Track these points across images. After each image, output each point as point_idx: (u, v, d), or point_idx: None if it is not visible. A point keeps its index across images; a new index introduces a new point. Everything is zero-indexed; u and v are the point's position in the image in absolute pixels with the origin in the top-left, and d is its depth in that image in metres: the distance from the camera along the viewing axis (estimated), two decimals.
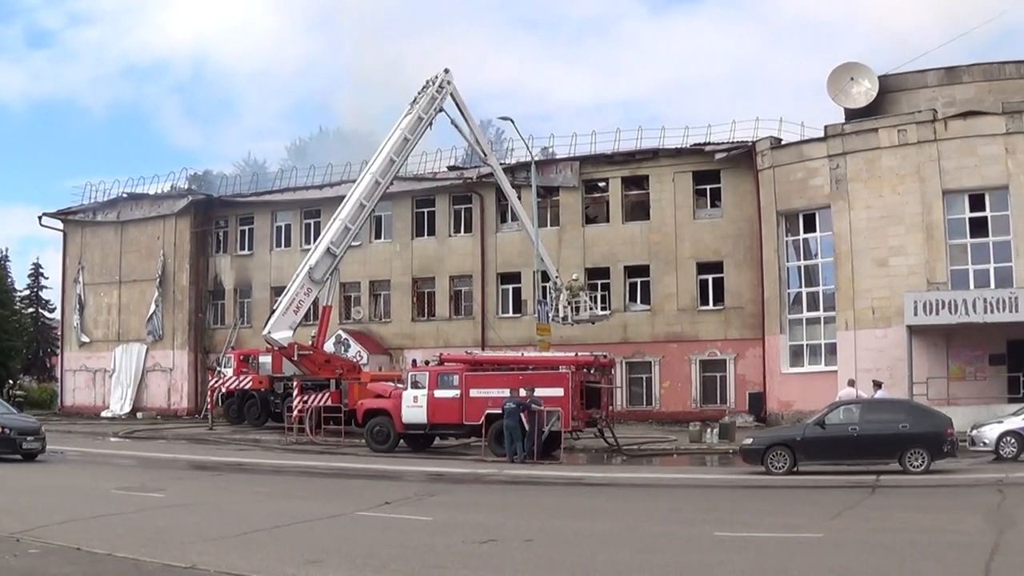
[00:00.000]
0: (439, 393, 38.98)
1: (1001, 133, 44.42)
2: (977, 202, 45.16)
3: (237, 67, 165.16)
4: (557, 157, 59.47)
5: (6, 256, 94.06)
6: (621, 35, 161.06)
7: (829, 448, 29.00)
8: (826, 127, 49.05)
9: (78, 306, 72.15)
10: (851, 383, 37.61)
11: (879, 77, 50.12)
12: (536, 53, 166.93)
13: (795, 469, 28.68)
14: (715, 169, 54.77)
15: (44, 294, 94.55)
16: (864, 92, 49.97)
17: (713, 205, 55.72)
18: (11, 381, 78.46)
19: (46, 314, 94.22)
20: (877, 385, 36.36)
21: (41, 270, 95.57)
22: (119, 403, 68.13)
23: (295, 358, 48.62)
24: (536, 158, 55.08)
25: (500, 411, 35.90)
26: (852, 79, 50.34)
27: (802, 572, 14.93)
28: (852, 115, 49.90)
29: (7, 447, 32.31)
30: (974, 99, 47.39)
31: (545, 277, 51.51)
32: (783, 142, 51.90)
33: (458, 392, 38.64)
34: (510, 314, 59.52)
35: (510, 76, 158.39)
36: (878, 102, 49.69)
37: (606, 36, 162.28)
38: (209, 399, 57.52)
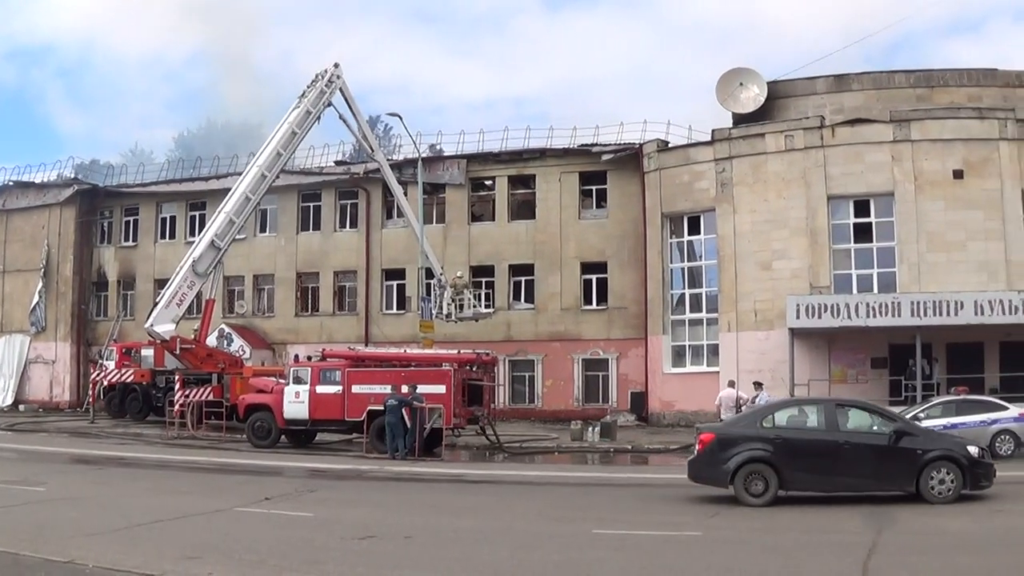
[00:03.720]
0: (321, 389, 38.81)
1: (888, 141, 45.18)
2: (862, 208, 45.85)
3: (125, 53, 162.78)
4: (445, 154, 59.48)
5: None
6: (515, 31, 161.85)
7: None
8: (713, 131, 49.51)
9: None
10: (731, 384, 37.94)
11: (768, 83, 50.58)
12: (429, 47, 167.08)
13: None
14: (602, 170, 55.14)
15: None
16: (752, 97, 50.38)
17: (599, 206, 56.06)
18: None
19: None
20: (758, 386, 36.75)
21: None
22: (1, 395, 66.98)
23: (177, 352, 47.90)
24: (424, 155, 54.99)
25: (382, 407, 35.75)
26: (741, 84, 50.74)
27: (681, 570, 15.05)
28: (740, 120, 50.27)
29: None
30: (863, 107, 48.12)
31: (430, 274, 51.32)
32: (670, 145, 52.34)
33: (340, 388, 38.50)
34: (394, 310, 59.36)
35: (403, 70, 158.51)
36: (767, 108, 50.19)
37: (500, 32, 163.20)
38: (91, 392, 56.59)
